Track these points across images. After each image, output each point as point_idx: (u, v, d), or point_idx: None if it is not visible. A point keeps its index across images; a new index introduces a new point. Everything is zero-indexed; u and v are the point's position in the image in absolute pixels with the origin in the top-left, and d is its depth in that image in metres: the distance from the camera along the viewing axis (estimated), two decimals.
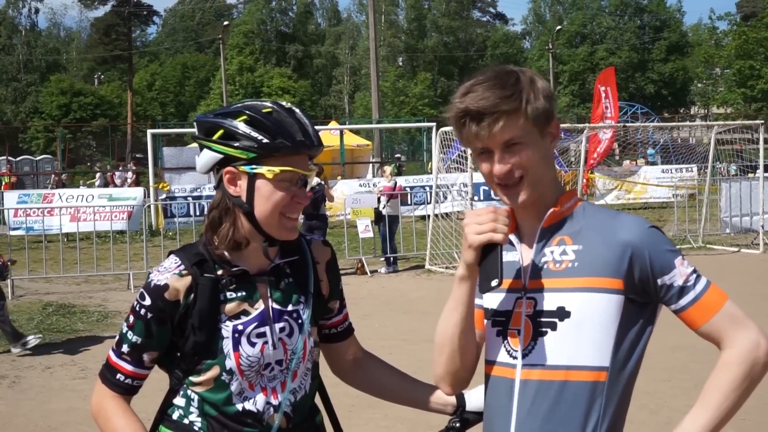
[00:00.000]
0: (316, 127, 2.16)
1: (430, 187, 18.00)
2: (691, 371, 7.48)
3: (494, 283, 1.90)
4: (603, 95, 24.42)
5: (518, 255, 2.03)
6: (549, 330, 1.94)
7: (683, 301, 1.91)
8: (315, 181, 14.61)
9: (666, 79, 70.06)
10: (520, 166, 1.94)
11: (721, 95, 61.54)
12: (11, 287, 12.91)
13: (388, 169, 17.35)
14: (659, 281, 1.90)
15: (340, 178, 26.35)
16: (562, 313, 1.92)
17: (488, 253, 1.93)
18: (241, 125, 2.06)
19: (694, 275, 1.92)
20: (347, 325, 2.38)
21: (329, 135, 30.58)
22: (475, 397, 2.27)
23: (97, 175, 38.35)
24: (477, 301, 2.10)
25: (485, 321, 2.09)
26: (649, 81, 69.85)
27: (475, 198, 16.57)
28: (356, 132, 37.83)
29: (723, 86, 62.58)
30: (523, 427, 1.96)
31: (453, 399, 2.27)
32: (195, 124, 2.16)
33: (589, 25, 71.77)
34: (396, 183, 16.05)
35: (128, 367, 2.12)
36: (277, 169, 2.05)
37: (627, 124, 27.00)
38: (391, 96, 64.72)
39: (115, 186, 31.51)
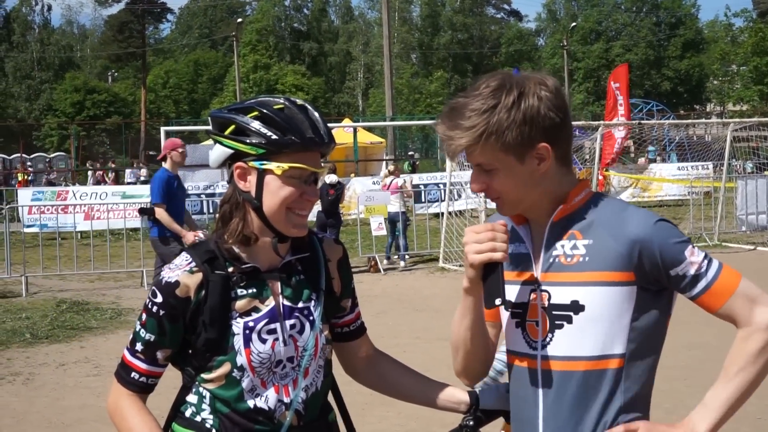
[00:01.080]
0: (330, 125, 2.16)
1: (444, 184, 17.98)
2: (707, 369, 7.41)
3: (498, 302, 1.92)
4: (616, 92, 24.30)
5: (528, 248, 2.05)
6: (565, 323, 1.96)
7: (697, 289, 1.93)
8: (334, 178, 14.61)
9: (682, 76, 69.78)
10: (493, 189, 1.99)
11: (737, 92, 61.19)
12: (25, 284, 12.98)
13: (387, 169, 17.23)
14: (671, 272, 1.92)
15: (353, 175, 26.31)
16: (577, 307, 1.95)
17: (490, 268, 1.95)
18: (252, 121, 2.07)
19: (706, 261, 1.94)
20: (359, 323, 2.38)
21: (343, 132, 30.54)
22: (488, 396, 2.27)
23: (89, 173, 36.46)
24: None
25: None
26: (664, 78, 69.59)
27: None
28: (370, 129, 37.78)
29: (739, 83, 62.22)
30: (551, 416, 1.99)
31: (466, 397, 2.27)
32: (209, 119, 2.17)
33: (605, 22, 71.53)
34: (392, 181, 15.90)
35: (143, 366, 2.12)
36: (285, 165, 2.05)
37: (642, 122, 26.87)
38: (406, 93, 64.66)
39: (106, 184, 31.21)
